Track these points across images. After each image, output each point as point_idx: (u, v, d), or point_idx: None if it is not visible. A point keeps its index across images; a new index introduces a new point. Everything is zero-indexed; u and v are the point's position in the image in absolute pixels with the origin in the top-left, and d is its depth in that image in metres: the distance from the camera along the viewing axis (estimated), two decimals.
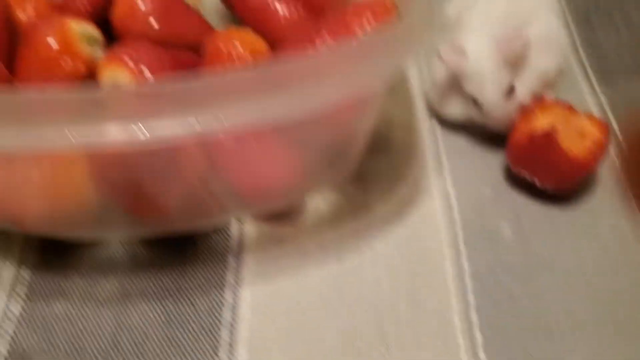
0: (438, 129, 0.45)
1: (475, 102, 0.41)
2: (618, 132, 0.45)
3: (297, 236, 0.39)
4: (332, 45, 0.36)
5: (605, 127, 0.39)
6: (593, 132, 0.39)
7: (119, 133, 0.28)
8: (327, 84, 0.30)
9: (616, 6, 0.55)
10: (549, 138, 0.38)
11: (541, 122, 0.40)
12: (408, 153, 0.44)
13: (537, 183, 0.40)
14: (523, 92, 0.40)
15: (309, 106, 0.30)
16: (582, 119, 0.40)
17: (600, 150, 0.39)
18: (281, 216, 0.40)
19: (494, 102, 0.40)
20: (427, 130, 0.45)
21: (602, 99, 0.47)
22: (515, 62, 0.40)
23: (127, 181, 0.34)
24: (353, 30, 0.35)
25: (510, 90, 0.40)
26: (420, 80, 0.48)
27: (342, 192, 0.42)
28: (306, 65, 0.30)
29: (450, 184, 0.42)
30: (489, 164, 0.43)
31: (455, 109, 0.43)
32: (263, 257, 0.38)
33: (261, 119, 0.29)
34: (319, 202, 0.41)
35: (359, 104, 0.34)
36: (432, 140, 0.44)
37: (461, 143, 0.44)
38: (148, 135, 0.28)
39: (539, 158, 0.39)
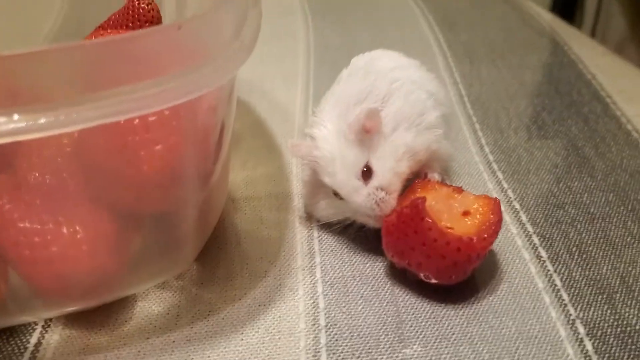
0: (317, 230, 0.38)
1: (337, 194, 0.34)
2: (527, 223, 0.38)
3: (113, 344, 0.30)
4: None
5: (495, 204, 0.33)
6: (479, 208, 0.33)
7: None
8: None
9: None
10: (416, 209, 0.31)
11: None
12: (274, 252, 0.36)
13: (416, 271, 0.32)
14: (384, 173, 0.34)
15: None
16: (469, 197, 0.34)
17: (488, 228, 0.32)
18: (98, 320, 0.32)
19: (349, 187, 0.33)
20: (305, 230, 0.38)
21: (510, 194, 0.41)
22: (367, 140, 0.34)
23: None
24: None
25: (368, 173, 0.33)
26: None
27: (183, 292, 0.33)
28: None
29: (321, 283, 0.34)
30: (371, 263, 0.35)
31: (327, 211, 0.37)
32: None
33: None
34: (151, 304, 0.33)
35: (170, 149, 0.28)
36: (307, 240, 0.37)
37: (340, 242, 0.37)
38: None
39: (411, 238, 0.31)
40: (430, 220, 0.30)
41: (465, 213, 0.33)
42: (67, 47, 0.23)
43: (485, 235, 0.31)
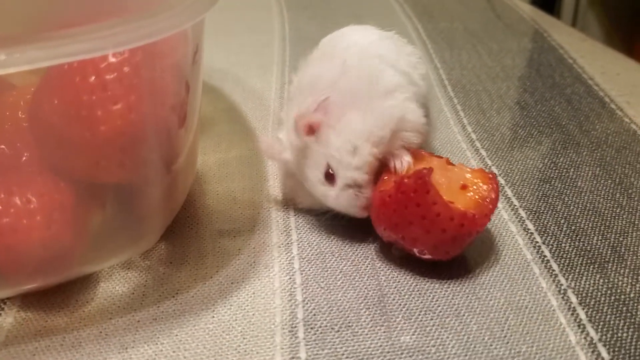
0: (294, 208, 0.36)
1: None
2: (513, 198, 0.36)
3: (72, 326, 0.28)
4: None
5: (491, 178, 0.31)
6: (477, 182, 0.31)
7: None
8: None
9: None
10: (422, 181, 0.29)
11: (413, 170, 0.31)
12: (248, 230, 0.34)
13: (410, 247, 0.30)
14: (345, 173, 0.31)
15: None
16: (465, 170, 0.32)
17: (489, 204, 0.30)
18: (57, 302, 0.29)
19: (319, 194, 0.32)
20: (281, 209, 0.36)
21: (495, 170, 0.39)
22: (318, 139, 0.31)
23: None
24: None
25: (331, 175, 0.31)
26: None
27: (150, 272, 0.31)
28: None
29: (298, 259, 0.32)
30: (351, 239, 0.33)
31: (306, 202, 0.35)
32: (15, 353, 0.27)
33: None
34: (115, 284, 0.31)
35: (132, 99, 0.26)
36: (283, 217, 0.35)
37: (318, 219, 0.35)
38: None
39: (411, 211, 0.29)
40: (435, 194, 0.29)
41: (464, 187, 0.31)
42: None
43: (487, 212, 0.30)
